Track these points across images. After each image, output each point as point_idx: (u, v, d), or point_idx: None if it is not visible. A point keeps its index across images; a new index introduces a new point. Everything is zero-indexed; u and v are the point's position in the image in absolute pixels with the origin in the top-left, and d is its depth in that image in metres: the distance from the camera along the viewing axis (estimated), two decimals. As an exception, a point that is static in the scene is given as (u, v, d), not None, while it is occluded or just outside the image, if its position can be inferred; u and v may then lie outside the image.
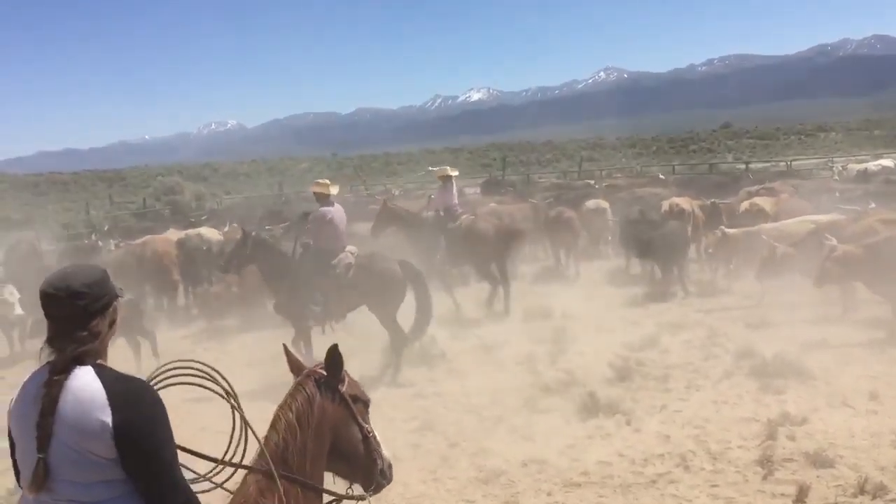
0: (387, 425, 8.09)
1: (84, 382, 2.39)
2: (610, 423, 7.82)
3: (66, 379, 2.38)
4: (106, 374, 2.44)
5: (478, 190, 27.43)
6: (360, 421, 3.22)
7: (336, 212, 10.29)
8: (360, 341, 10.36)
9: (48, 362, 2.45)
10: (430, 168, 16.09)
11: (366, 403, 3.32)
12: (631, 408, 8.18)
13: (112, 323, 2.56)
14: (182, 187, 29.65)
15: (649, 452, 7.03)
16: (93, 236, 15.73)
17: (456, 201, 14.34)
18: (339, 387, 3.16)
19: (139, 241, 16.54)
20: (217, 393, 2.92)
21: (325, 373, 3.14)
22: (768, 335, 10.41)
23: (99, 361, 2.49)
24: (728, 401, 8.26)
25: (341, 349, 3.13)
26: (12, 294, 11.74)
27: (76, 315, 2.43)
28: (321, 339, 9.76)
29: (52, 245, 21.27)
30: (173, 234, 16.94)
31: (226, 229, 17.71)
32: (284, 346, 3.47)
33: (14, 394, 2.53)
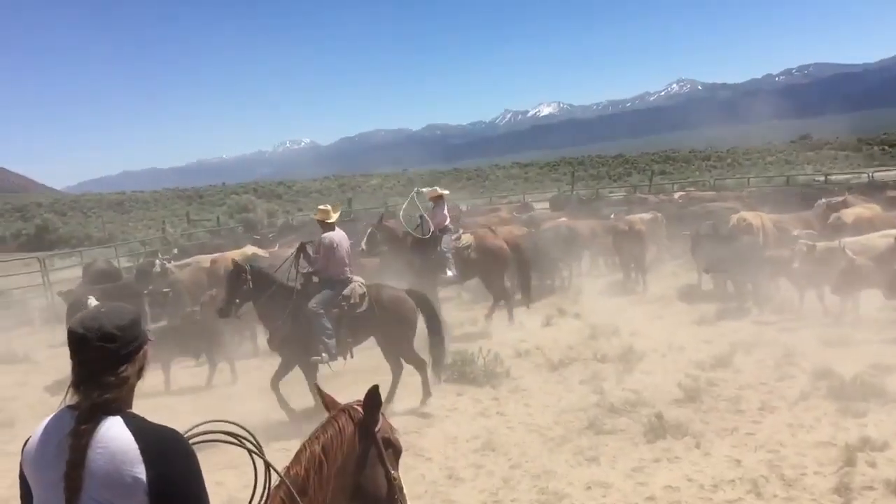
0: (448, 444, 8.06)
1: (114, 434, 2.25)
2: (678, 446, 7.56)
3: (94, 428, 2.25)
4: (136, 425, 2.31)
5: (546, 205, 27.20)
6: (388, 466, 3.14)
7: (341, 238, 9.80)
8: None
9: (69, 407, 2.33)
10: (421, 190, 15.70)
11: (397, 451, 3.25)
12: (700, 430, 7.90)
13: (141, 369, 2.44)
14: (254, 205, 30.28)
15: (719, 478, 6.76)
16: (156, 261, 16.05)
17: (448, 220, 14.06)
18: (373, 427, 3.11)
19: (211, 257, 16.91)
20: (249, 450, 2.81)
21: (361, 411, 3.09)
22: (848, 354, 9.96)
23: (127, 410, 2.37)
24: (804, 424, 7.90)
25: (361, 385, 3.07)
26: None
27: (105, 359, 2.31)
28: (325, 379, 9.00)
29: (130, 262, 21.95)
30: (248, 251, 17.29)
31: (275, 248, 18.13)
32: (316, 385, 3.43)
33: (33, 438, 2.38)
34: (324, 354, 9.33)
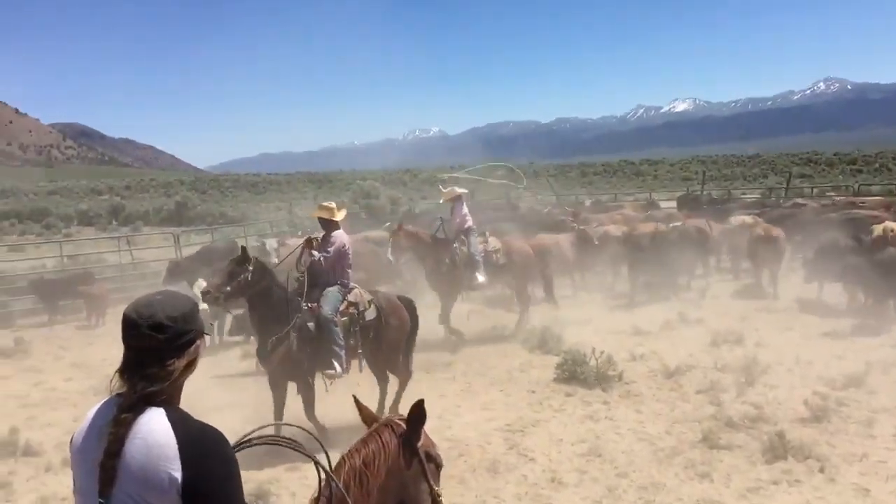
0: (553, 446, 7.85)
1: (154, 426, 2.18)
2: (800, 469, 7.05)
3: (134, 419, 2.18)
4: (179, 421, 2.22)
5: (674, 204, 26.30)
6: (432, 481, 3.03)
7: (349, 240, 9.09)
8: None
9: (118, 394, 2.27)
10: (442, 188, 14.75)
11: (439, 465, 3.13)
12: (826, 453, 7.34)
13: (191, 363, 2.34)
14: (378, 191, 30.75)
15: (844, 507, 6.25)
16: (265, 242, 16.45)
17: (469, 221, 13.20)
18: (417, 442, 3.01)
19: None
20: (307, 454, 2.70)
21: (403, 425, 2.99)
22: None
23: (172, 404, 2.29)
24: (946, 456, 7.21)
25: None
26: (199, 286, 12.40)
27: (153, 349, 2.23)
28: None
29: (258, 241, 22.78)
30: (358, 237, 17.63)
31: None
32: (354, 396, 3.32)
33: (81, 423, 2.35)
34: (336, 367, 8.40)
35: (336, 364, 8.37)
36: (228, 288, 8.14)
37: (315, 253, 8.69)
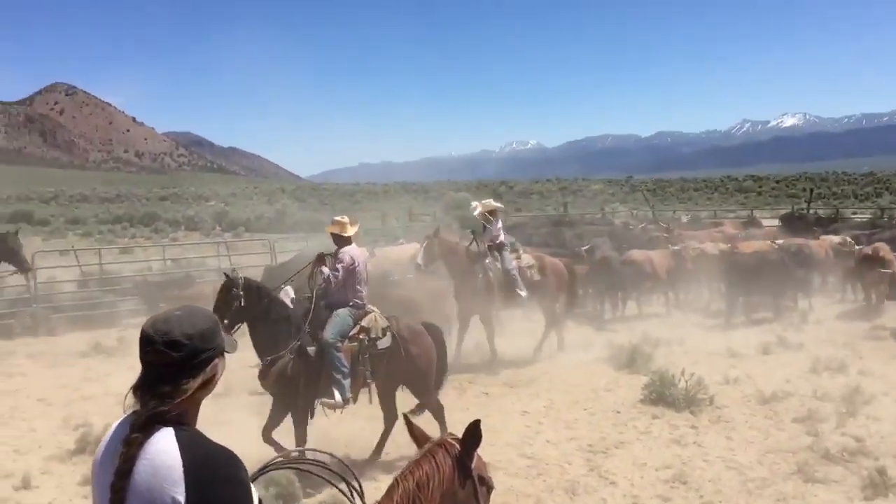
0: (636, 470, 7.61)
1: (162, 447, 2.11)
2: (902, 509, 6.59)
3: (145, 439, 2.12)
4: (187, 442, 2.15)
5: (776, 222, 25.30)
6: None
7: (362, 256, 8.44)
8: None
9: (134, 412, 2.21)
10: (474, 203, 13.90)
11: (490, 488, 3.00)
12: (932, 494, 6.83)
13: (207, 382, 2.26)
14: (470, 203, 30.81)
15: (951, 554, 5.79)
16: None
17: (503, 236, 12.75)
18: (471, 464, 2.88)
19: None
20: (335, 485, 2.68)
21: (457, 446, 2.87)
22: None
23: (185, 425, 2.21)
24: None
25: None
26: (287, 294, 12.62)
27: (167, 366, 2.17)
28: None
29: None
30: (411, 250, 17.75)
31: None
32: (405, 415, 3.21)
33: (103, 440, 2.31)
34: (337, 396, 7.75)
35: (337, 393, 7.73)
36: (226, 320, 7.45)
37: (325, 270, 8.10)
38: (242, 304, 7.59)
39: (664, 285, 16.54)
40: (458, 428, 3.00)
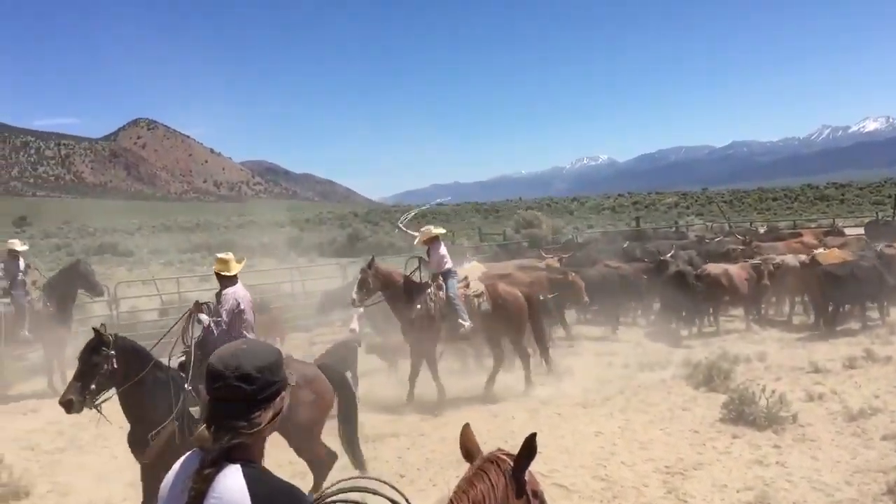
0: (715, 492, 7.37)
1: (230, 484, 2.12)
2: None
3: (215, 475, 2.13)
4: (255, 480, 2.15)
5: (861, 231, 24.36)
6: None
7: (245, 297, 7.65)
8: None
9: (200, 448, 2.24)
10: (401, 227, 12.99)
11: (543, 503, 2.87)
12: None
13: (276, 415, 2.29)
14: (540, 220, 30.66)
15: None
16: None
17: (449, 263, 11.64)
18: (524, 479, 2.76)
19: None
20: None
21: (510, 461, 2.75)
22: None
23: (252, 461, 2.22)
24: None
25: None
26: (358, 312, 12.69)
27: (239, 400, 2.19)
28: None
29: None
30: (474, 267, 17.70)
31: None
32: (466, 425, 3.05)
33: (169, 473, 2.34)
34: None
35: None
36: (93, 385, 6.42)
37: (203, 318, 7.31)
38: (114, 366, 6.47)
39: (742, 299, 16.06)
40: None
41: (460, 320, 11.23)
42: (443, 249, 11.64)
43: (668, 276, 15.91)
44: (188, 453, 2.32)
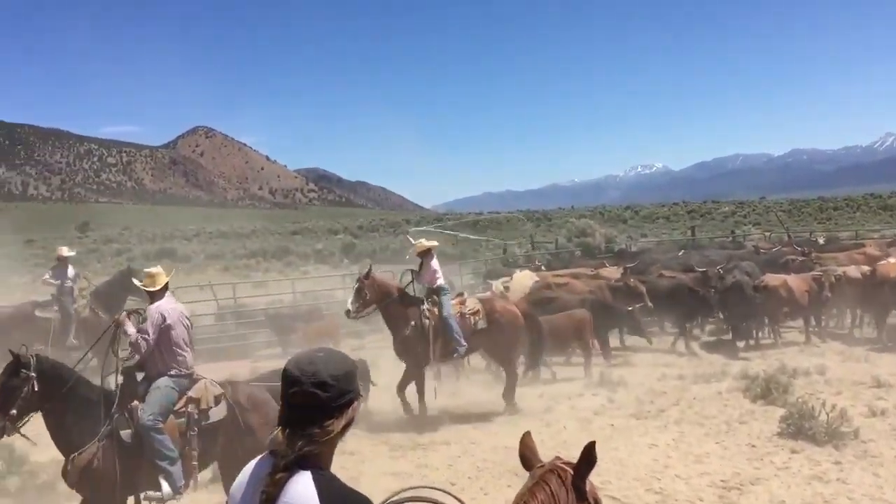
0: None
1: (300, 490, 2.16)
2: None
3: (287, 480, 2.17)
4: (325, 487, 2.18)
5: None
6: None
7: (175, 312, 7.02)
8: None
9: (271, 452, 2.27)
10: (411, 240, 12.39)
11: None
12: None
13: (347, 425, 2.30)
14: (593, 229, 30.39)
15: None
16: (491, 283, 16.75)
17: (441, 279, 11.29)
18: (585, 488, 2.69)
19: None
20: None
21: (569, 470, 2.68)
22: None
23: (322, 469, 2.25)
24: None
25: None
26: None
27: (314, 407, 2.22)
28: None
29: (473, 280, 23.35)
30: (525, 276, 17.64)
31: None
32: (527, 434, 2.99)
33: (240, 476, 2.38)
34: (166, 487, 6.41)
35: (165, 484, 6.39)
36: (14, 410, 6.15)
37: (130, 331, 6.83)
38: (35, 388, 6.18)
39: (802, 311, 15.68)
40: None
41: (455, 343, 10.89)
42: (435, 263, 11.35)
43: (725, 287, 15.62)
44: (259, 457, 2.35)
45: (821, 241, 24.66)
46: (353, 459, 8.95)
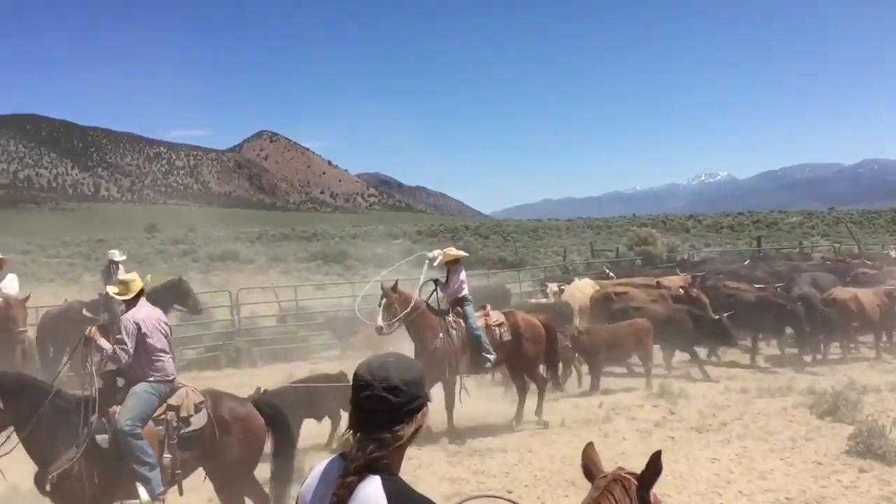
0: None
1: (370, 495, 2.16)
2: None
3: (357, 484, 2.17)
4: (393, 490, 2.18)
5: None
6: None
7: (152, 319, 6.78)
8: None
9: (341, 454, 2.30)
10: (428, 255, 11.78)
11: None
12: None
13: (416, 431, 2.29)
14: (655, 238, 29.97)
15: None
16: (547, 285, 16.67)
17: (465, 290, 11.13)
18: (650, 500, 2.63)
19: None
20: None
21: (634, 480, 2.63)
22: None
23: (392, 474, 2.25)
24: None
25: None
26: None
27: (385, 412, 2.22)
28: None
29: (532, 286, 23.25)
30: (585, 283, 17.48)
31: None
32: (590, 444, 2.91)
33: (309, 477, 2.41)
34: (144, 495, 6.22)
35: (143, 491, 6.21)
36: None
37: (103, 344, 6.63)
38: (1, 407, 5.99)
39: (873, 326, 15.19)
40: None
41: (485, 353, 10.75)
42: (463, 274, 11.22)
43: (792, 300, 15.23)
44: (328, 459, 2.38)
45: (893, 254, 23.87)
46: (409, 464, 8.97)
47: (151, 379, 6.52)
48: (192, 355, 17.27)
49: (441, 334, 10.69)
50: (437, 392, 10.83)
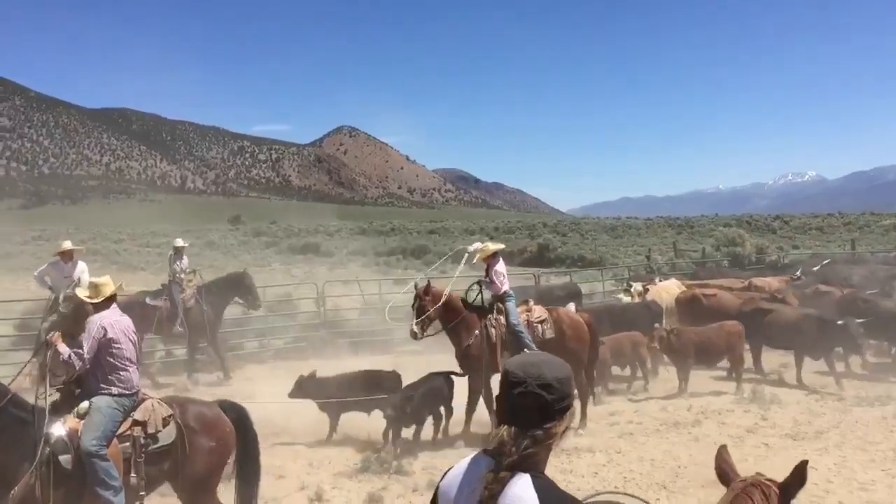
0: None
1: (520, 492, 2.15)
2: None
3: (507, 481, 2.16)
4: (544, 490, 2.16)
5: None
6: None
7: (119, 324, 6.31)
8: None
9: (485, 451, 2.28)
10: (469, 249, 11.15)
11: None
12: None
13: (565, 430, 2.28)
14: (743, 239, 29.14)
15: None
16: (631, 285, 16.38)
17: (507, 285, 10.63)
18: None
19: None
20: None
21: (774, 487, 2.53)
22: None
23: (541, 472, 2.23)
24: None
25: None
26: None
27: (538, 408, 2.21)
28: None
29: (615, 285, 22.96)
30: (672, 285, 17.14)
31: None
32: (723, 447, 2.79)
33: (451, 473, 2.40)
34: None
35: None
36: None
37: (62, 349, 6.07)
38: None
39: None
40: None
41: (526, 351, 9.79)
42: (501, 267, 10.72)
43: (888, 304, 14.60)
44: (473, 454, 2.37)
45: None
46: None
47: (115, 391, 6.08)
48: (280, 345, 17.65)
49: (477, 331, 10.40)
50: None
